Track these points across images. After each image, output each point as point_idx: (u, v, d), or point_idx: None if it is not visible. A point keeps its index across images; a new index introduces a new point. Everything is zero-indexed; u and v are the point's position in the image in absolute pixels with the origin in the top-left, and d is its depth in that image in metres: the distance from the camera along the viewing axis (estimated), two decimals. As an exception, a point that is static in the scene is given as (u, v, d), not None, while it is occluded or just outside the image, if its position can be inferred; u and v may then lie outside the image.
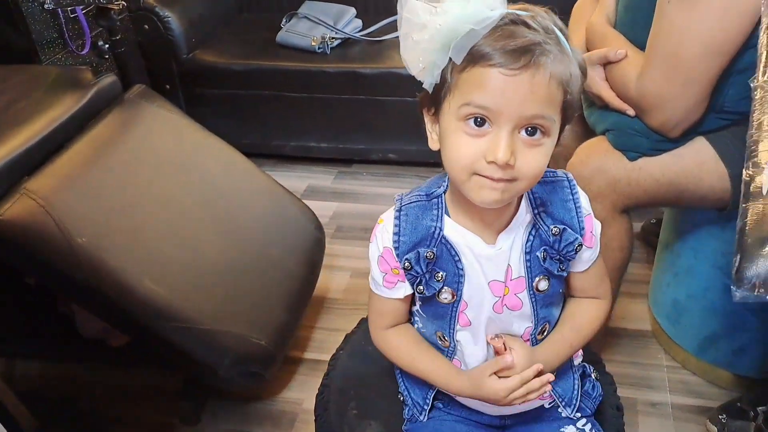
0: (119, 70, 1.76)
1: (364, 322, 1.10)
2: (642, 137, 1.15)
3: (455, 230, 0.76)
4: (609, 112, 1.19)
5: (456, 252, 0.76)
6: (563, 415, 0.86)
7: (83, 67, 1.80)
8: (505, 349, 0.75)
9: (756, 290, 0.61)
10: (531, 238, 0.76)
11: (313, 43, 2.13)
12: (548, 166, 0.73)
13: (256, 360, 1.29)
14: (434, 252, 0.76)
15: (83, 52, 1.98)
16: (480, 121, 0.65)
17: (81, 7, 1.84)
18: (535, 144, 0.65)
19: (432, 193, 0.78)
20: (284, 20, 2.26)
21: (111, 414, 1.44)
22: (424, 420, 0.86)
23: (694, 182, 1.16)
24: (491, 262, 0.76)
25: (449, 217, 0.76)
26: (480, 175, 0.66)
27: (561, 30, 0.67)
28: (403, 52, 0.67)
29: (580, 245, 0.76)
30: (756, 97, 0.75)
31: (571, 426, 0.85)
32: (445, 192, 0.77)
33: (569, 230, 0.76)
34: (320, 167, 2.31)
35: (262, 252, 1.47)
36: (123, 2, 1.58)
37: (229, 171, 1.58)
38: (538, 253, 0.76)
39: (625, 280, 1.67)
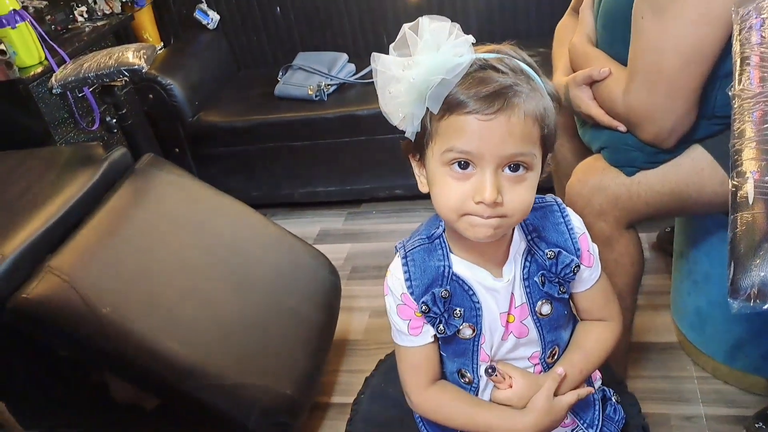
0: (128, 142, 1.82)
1: (381, 363, 1.11)
2: (637, 152, 1.16)
3: (463, 266, 0.77)
4: (602, 130, 1.20)
5: (470, 286, 0.77)
6: (586, 439, 0.86)
7: (94, 143, 1.87)
8: (504, 379, 0.78)
9: (752, 300, 0.62)
10: (527, 264, 0.77)
11: (310, 92, 2.19)
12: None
13: (283, 410, 1.31)
14: (448, 290, 0.77)
15: (93, 128, 2.06)
16: (464, 164, 0.67)
17: (87, 87, 1.92)
18: (520, 180, 0.68)
19: (432, 234, 0.79)
20: (280, 73, 2.33)
21: (148, 479, 1.46)
22: None
23: (695, 189, 1.16)
24: (499, 294, 0.77)
25: (454, 254, 0.78)
26: (470, 214, 0.68)
27: (530, 65, 0.70)
28: (382, 105, 0.70)
29: (578, 266, 0.77)
30: (735, 106, 0.76)
31: (595, 450, 0.84)
32: (444, 231, 0.79)
33: (564, 252, 0.77)
34: (330, 210, 2.35)
35: (279, 302, 1.49)
36: (126, 78, 1.64)
37: (240, 227, 1.62)
38: (536, 279, 0.77)
39: (647, 292, 1.67)
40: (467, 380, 0.82)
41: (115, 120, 1.77)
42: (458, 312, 0.77)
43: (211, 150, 2.28)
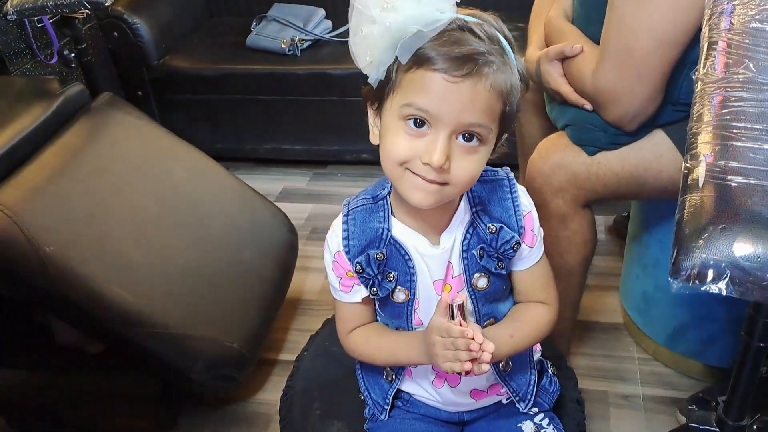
0: (87, 80, 1.75)
1: (328, 322, 1.11)
2: (600, 132, 1.16)
3: (402, 230, 0.77)
4: (568, 108, 1.20)
5: (406, 251, 0.77)
6: (522, 409, 0.87)
7: (50, 77, 1.80)
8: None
9: (691, 281, 0.62)
10: (468, 236, 0.77)
11: (283, 46, 2.13)
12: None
13: (228, 363, 1.30)
14: (384, 253, 0.77)
15: (52, 62, 1.97)
16: (419, 123, 0.66)
17: (46, 16, 1.83)
18: (471, 151, 0.67)
19: (377, 195, 0.79)
20: (254, 23, 2.26)
21: (89, 420, 1.44)
22: (385, 419, 0.87)
23: (653, 174, 1.17)
24: (434, 261, 0.77)
25: (395, 217, 0.78)
26: (413, 172, 0.67)
27: (507, 39, 0.68)
28: (351, 45, 0.68)
29: (518, 243, 0.77)
30: (697, 89, 0.76)
31: (528, 421, 0.86)
32: (389, 193, 0.78)
33: (506, 229, 0.77)
34: (295, 169, 2.31)
35: (234, 256, 1.47)
36: (87, 11, 1.57)
37: (198, 176, 1.59)
38: (474, 251, 0.77)
39: (598, 273, 1.70)
40: None
41: (74, 54, 1.69)
42: (392, 276, 0.78)
43: (176, 96, 2.21)
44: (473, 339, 0.68)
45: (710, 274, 0.62)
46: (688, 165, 0.71)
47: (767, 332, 0.85)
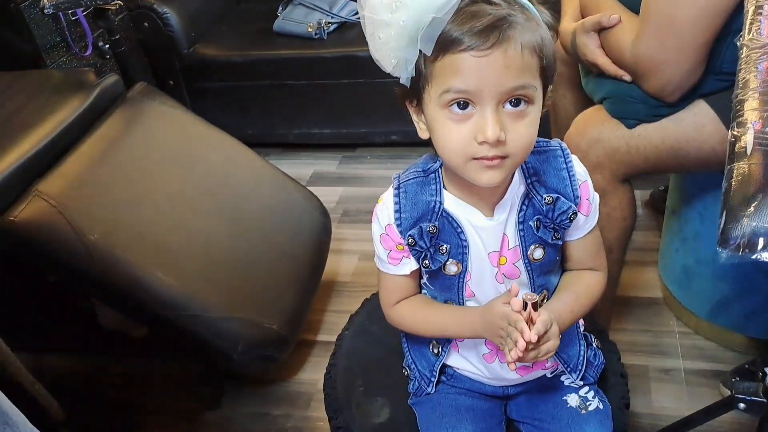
0: (121, 70, 1.78)
1: (367, 302, 1.12)
2: (639, 104, 1.14)
3: (455, 203, 0.77)
4: (605, 80, 1.18)
5: (458, 224, 0.77)
6: (566, 383, 0.87)
7: (86, 68, 1.83)
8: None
9: (741, 250, 0.62)
10: (524, 208, 0.77)
11: (309, 30, 2.13)
12: (551, 136, 0.73)
13: (268, 344, 1.33)
14: (437, 225, 0.77)
15: (86, 54, 2.01)
16: (463, 105, 0.66)
17: (81, 9, 1.86)
18: (522, 115, 0.66)
19: (429, 168, 0.78)
20: (280, 8, 2.26)
21: (135, 403, 1.49)
22: (432, 392, 0.88)
23: (695, 146, 1.15)
24: (488, 233, 0.77)
25: (447, 190, 0.77)
26: (476, 158, 0.67)
27: None
28: (373, 53, 0.68)
29: (575, 213, 0.77)
30: (742, 56, 0.74)
31: (573, 394, 0.86)
32: (441, 166, 0.78)
33: (563, 199, 0.76)
34: (324, 153, 2.32)
35: (269, 239, 1.49)
36: (120, 2, 1.59)
37: (232, 162, 1.61)
38: (531, 223, 0.77)
39: (635, 249, 1.68)
40: None
41: (108, 46, 1.73)
42: (444, 248, 0.77)
43: (206, 84, 2.24)
44: (529, 341, 0.67)
45: (761, 242, 0.60)
46: (734, 133, 0.70)
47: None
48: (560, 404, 0.85)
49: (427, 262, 0.79)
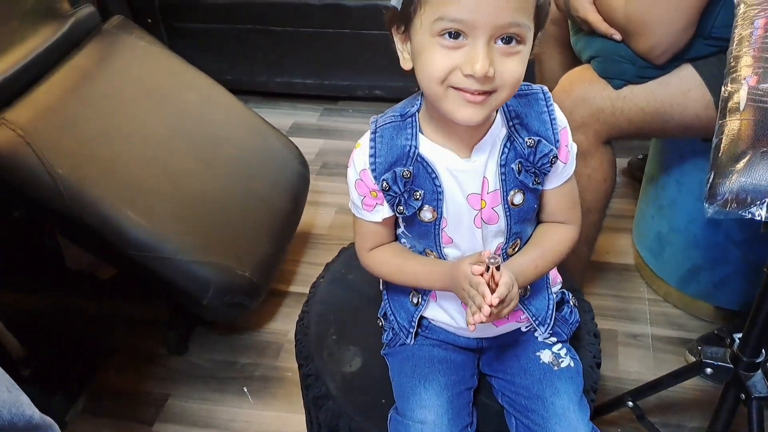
0: (97, 2, 1.70)
1: (344, 251, 1.10)
2: (628, 64, 1.12)
3: (430, 148, 0.75)
4: (595, 38, 1.16)
5: (433, 169, 0.75)
6: (540, 338, 0.87)
7: (59, -4, 1.74)
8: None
9: (728, 206, 0.61)
10: (506, 150, 0.75)
11: (297, -26, 2.06)
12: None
13: (239, 291, 1.30)
14: (411, 171, 0.75)
15: (59, -17, 1.91)
16: (455, 35, 0.63)
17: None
18: (512, 52, 0.65)
19: (406, 112, 0.76)
20: (268, -50, 2.18)
21: (99, 343, 1.46)
22: (410, 342, 0.87)
23: (679, 111, 1.14)
24: (467, 175, 0.75)
25: (423, 135, 0.76)
26: (457, 88, 0.65)
27: None
28: None
29: (555, 157, 0.75)
30: (738, 12, 0.73)
31: (546, 350, 0.86)
32: (418, 111, 0.76)
33: (544, 142, 0.75)
34: (305, 104, 2.27)
35: (246, 184, 1.46)
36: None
37: (210, 103, 1.56)
38: (513, 166, 0.75)
39: (611, 215, 1.68)
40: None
41: (83, -25, 1.63)
42: (419, 194, 0.76)
43: (186, 25, 2.15)
44: (491, 305, 0.68)
45: (748, 198, 0.60)
46: (728, 89, 0.69)
47: (791, 267, 0.83)
48: (533, 359, 0.85)
49: (401, 207, 0.77)
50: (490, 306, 0.68)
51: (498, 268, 0.69)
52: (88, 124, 1.31)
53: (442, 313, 0.86)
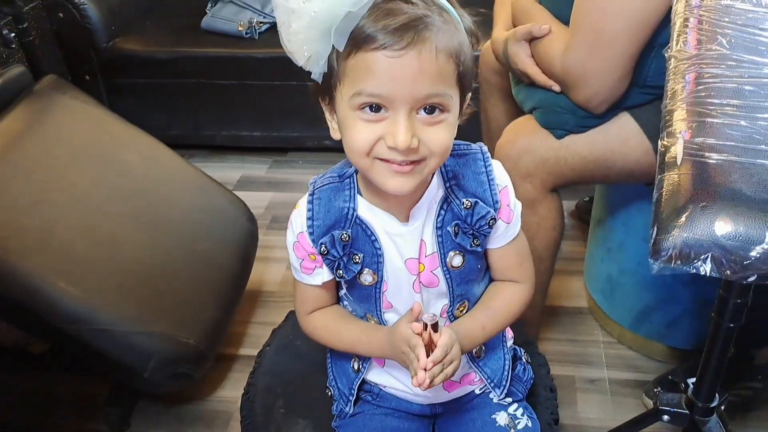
0: (29, 62, 1.65)
1: (291, 314, 1.06)
2: (568, 114, 1.14)
3: (369, 210, 0.74)
4: (535, 90, 1.18)
5: (372, 231, 0.74)
6: (495, 400, 0.84)
7: (-12, 58, 1.69)
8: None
9: (673, 262, 0.60)
10: (443, 212, 0.74)
11: (240, 28, 2.05)
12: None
13: (184, 360, 1.24)
14: (349, 234, 0.73)
15: (-10, 43, 1.85)
16: (375, 108, 0.62)
17: (-16, -7, 1.71)
18: (436, 121, 0.64)
19: (344, 173, 0.75)
20: (209, 5, 2.17)
21: (34, 424, 1.36)
22: (350, 411, 0.83)
23: (620, 158, 1.16)
24: (404, 239, 0.74)
25: (361, 197, 0.74)
26: (381, 159, 0.64)
27: None
28: (284, 43, 0.64)
29: (494, 219, 0.74)
30: (670, 67, 0.74)
31: (502, 412, 0.83)
32: (357, 171, 0.74)
33: (482, 203, 0.73)
34: (254, 156, 2.24)
35: (190, 247, 1.40)
36: (28, -13, 1.47)
37: (151, 163, 1.50)
38: (449, 228, 0.74)
39: (561, 258, 1.69)
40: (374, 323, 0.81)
41: (14, 35, 1.59)
42: (358, 257, 0.75)
43: (127, 80, 2.11)
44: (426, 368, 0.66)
45: (692, 254, 0.59)
46: (664, 143, 0.69)
47: (738, 312, 0.84)
48: (489, 423, 0.82)
49: (341, 272, 0.75)
50: (425, 369, 0.66)
51: (435, 328, 0.67)
52: (16, 191, 1.24)
53: (392, 379, 0.83)
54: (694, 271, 0.60)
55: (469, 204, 0.73)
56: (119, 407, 1.34)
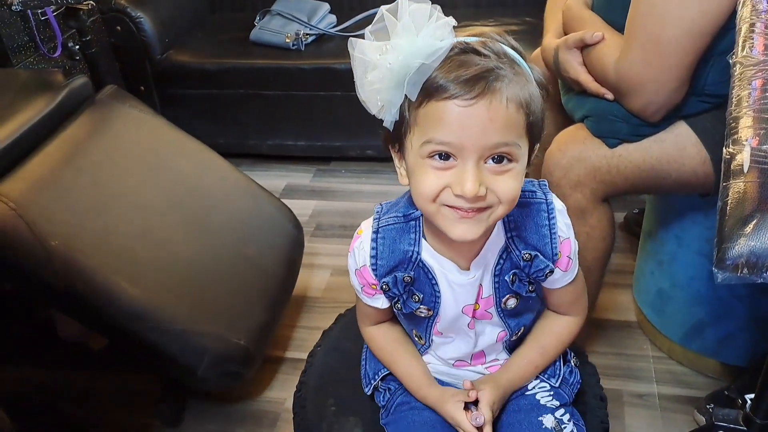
0: (91, 73, 1.72)
1: (341, 318, 1.08)
2: (621, 122, 1.13)
3: (432, 255, 0.76)
4: (587, 98, 1.17)
5: (433, 275, 0.76)
6: (542, 401, 0.83)
7: (54, 69, 1.77)
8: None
9: (739, 271, 0.60)
10: (502, 261, 0.76)
11: (287, 40, 2.10)
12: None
13: (235, 360, 1.27)
14: (412, 276, 0.76)
15: (55, 55, 1.94)
16: (444, 156, 0.64)
17: (51, 8, 1.80)
18: (504, 171, 0.65)
19: (410, 214, 0.77)
20: (257, 18, 2.23)
21: (92, 418, 1.41)
22: (368, 392, 0.88)
23: (675, 168, 1.14)
24: (464, 289, 0.76)
25: (426, 241, 0.76)
26: (448, 206, 0.65)
27: (515, 49, 0.66)
28: (359, 93, 0.66)
29: (551, 271, 0.76)
30: (735, 73, 0.74)
31: (549, 415, 0.83)
32: (422, 214, 0.75)
33: (541, 257, 0.75)
34: (298, 166, 2.28)
35: (239, 251, 1.44)
36: (92, 2, 1.54)
37: (203, 170, 1.55)
38: (506, 277, 0.76)
39: (610, 271, 1.66)
40: (421, 342, 0.85)
41: (78, 47, 1.66)
42: (417, 297, 0.77)
43: (179, 91, 2.18)
44: None
45: (759, 263, 0.59)
46: (730, 150, 0.68)
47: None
48: (535, 425, 0.82)
49: (399, 306, 0.79)
50: None
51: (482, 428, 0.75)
52: (81, 195, 1.29)
53: (434, 371, 0.86)
54: (761, 281, 0.59)
55: (529, 257, 0.74)
56: (172, 403, 1.38)
